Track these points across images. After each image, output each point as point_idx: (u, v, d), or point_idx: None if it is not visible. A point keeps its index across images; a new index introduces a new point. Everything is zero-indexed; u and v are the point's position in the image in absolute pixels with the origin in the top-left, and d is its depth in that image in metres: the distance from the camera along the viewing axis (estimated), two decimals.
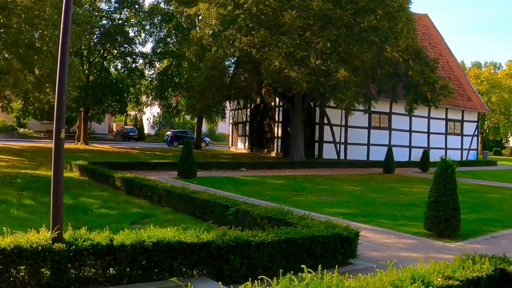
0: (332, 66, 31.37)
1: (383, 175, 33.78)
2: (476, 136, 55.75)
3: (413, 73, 35.24)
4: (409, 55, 35.15)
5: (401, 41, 32.29)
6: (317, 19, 30.70)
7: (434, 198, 13.42)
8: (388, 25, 31.79)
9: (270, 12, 31.50)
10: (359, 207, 18.19)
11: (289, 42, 29.44)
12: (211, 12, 32.25)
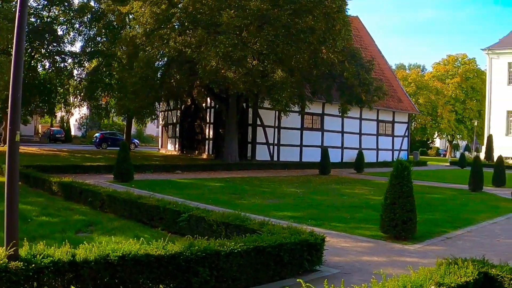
0: (269, 66, 30.86)
1: (320, 177, 33.53)
2: (407, 137, 56.58)
3: (349, 74, 35.09)
4: (345, 56, 35.03)
5: (339, 42, 32.10)
6: (254, 19, 30.21)
7: (390, 200, 13.11)
8: (325, 26, 31.52)
9: (207, 11, 30.79)
10: (306, 210, 17.76)
11: (226, 42, 28.81)
12: (145, 10, 31.29)
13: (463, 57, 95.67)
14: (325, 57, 33.69)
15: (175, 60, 33.84)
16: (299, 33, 30.88)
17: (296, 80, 33.05)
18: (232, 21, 28.89)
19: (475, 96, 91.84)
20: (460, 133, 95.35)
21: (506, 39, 66.53)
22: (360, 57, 36.91)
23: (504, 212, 19.64)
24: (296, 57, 31.61)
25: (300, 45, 30.91)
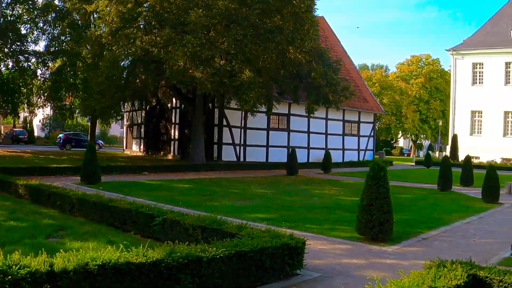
0: (236, 66, 30.55)
1: (288, 177, 33.42)
2: (372, 137, 56.75)
3: (316, 74, 34.95)
4: (312, 56, 34.88)
5: (307, 42, 31.98)
6: (222, 18, 29.87)
7: (367, 201, 12.95)
8: (294, 26, 31.36)
9: (175, 10, 30.37)
10: (278, 212, 17.55)
11: (194, 42, 28.42)
12: (111, 9, 30.74)
13: (427, 58, 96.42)
14: (293, 57, 33.48)
15: (142, 60, 33.30)
16: (267, 32, 30.67)
17: (264, 80, 32.79)
18: (200, 21, 28.54)
19: (438, 96, 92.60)
20: (424, 132, 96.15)
21: (470, 40, 67.13)
22: (327, 57, 36.83)
23: (476, 212, 19.83)
24: (264, 57, 31.34)
25: (269, 45, 30.67)
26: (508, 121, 63.40)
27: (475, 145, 61.57)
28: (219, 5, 29.19)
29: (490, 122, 63.36)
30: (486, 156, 54.30)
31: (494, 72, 63.41)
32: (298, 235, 10.12)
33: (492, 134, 62.87)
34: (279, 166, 39.93)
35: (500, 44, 63.56)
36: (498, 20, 67.07)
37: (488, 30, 66.37)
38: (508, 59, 62.88)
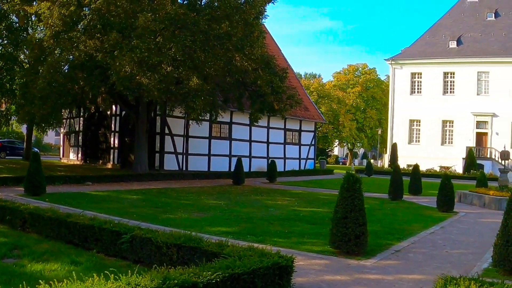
0: (184, 73, 29.64)
1: (235, 187, 32.71)
2: (313, 146, 56.50)
3: (262, 82, 34.29)
4: (259, 64, 34.17)
5: (256, 49, 31.38)
6: (170, 23, 28.93)
7: (342, 214, 12.40)
8: (243, 33, 30.70)
9: (122, 14, 29.27)
10: (239, 224, 16.78)
11: (143, 47, 27.42)
12: (53, 11, 29.34)
13: (364, 67, 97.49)
14: (239, 64, 32.87)
15: (85, 65, 31.94)
16: (216, 39, 29.93)
17: (211, 88, 31.95)
18: (148, 25, 27.54)
19: (375, 105, 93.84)
20: (360, 141, 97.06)
21: (409, 50, 68.03)
22: (274, 65, 36.13)
23: (435, 222, 19.80)
24: (212, 63, 30.56)
25: (217, 52, 29.92)
26: (446, 130, 64.41)
27: (413, 154, 62.55)
28: (167, 10, 28.30)
29: (428, 131, 64.41)
30: (424, 164, 54.68)
31: (433, 82, 64.60)
32: (252, 245, 9.49)
33: (430, 143, 64.00)
34: (222, 175, 39.55)
35: (438, 54, 64.71)
36: (436, 30, 68.20)
37: (426, 41, 67.41)
38: (446, 69, 64.06)
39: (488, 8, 68.25)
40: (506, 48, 62.59)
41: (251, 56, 31.92)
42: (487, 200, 26.55)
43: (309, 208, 22.47)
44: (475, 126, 62.79)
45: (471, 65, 62.77)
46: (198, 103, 30.29)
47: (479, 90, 63.08)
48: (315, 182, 40.66)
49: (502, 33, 64.75)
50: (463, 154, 59.91)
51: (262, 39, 32.51)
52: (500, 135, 61.13)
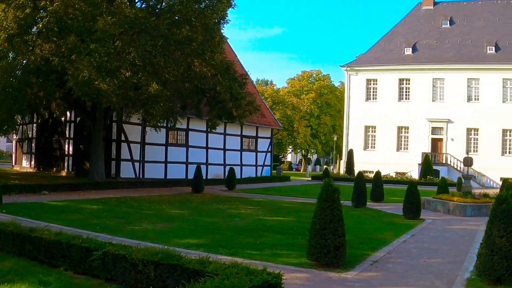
0: (143, 79, 28.82)
1: (195, 195, 32.02)
2: (270, 152, 56.16)
3: (221, 88, 33.69)
4: (219, 70, 33.54)
5: (217, 55, 30.81)
6: (130, 27, 28.08)
7: (320, 225, 12.10)
8: (203, 38, 30.09)
9: (80, 17, 28.31)
10: (207, 235, 16.19)
11: (102, 51, 26.55)
12: (8, 14, 28.18)
13: (318, 73, 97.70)
14: (198, 70, 32.24)
15: (41, 70, 30.84)
16: (177, 43, 29.22)
17: (170, 94, 31.19)
18: (108, 29, 26.69)
19: (329, 112, 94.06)
20: (314, 147, 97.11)
21: (364, 56, 68.24)
22: (233, 71, 35.53)
23: (405, 229, 19.69)
24: (171, 69, 29.84)
25: (178, 57, 29.23)
26: (401, 136, 64.74)
27: (369, 160, 62.83)
28: (126, 13, 27.51)
29: (384, 137, 64.66)
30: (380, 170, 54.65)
31: (388, 88, 64.94)
32: (242, 262, 8.92)
33: (386, 149, 64.27)
34: (180, 183, 39.05)
35: (394, 61, 65.11)
36: (392, 37, 68.63)
37: (382, 47, 67.75)
38: (402, 75, 64.52)
39: (443, 16, 68.92)
40: (461, 55, 63.24)
41: (211, 61, 31.34)
42: (452, 206, 26.61)
43: (275, 217, 22.02)
44: (430, 132, 63.18)
45: (426, 71, 63.27)
46: (158, 109, 29.56)
47: (434, 96, 63.55)
48: (274, 190, 40.31)
49: (457, 40, 65.37)
50: (419, 160, 60.30)
51: (222, 44, 31.95)
52: (455, 141, 61.63)
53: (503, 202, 11.01)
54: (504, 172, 55.49)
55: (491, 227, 10.82)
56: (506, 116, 59.60)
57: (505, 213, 10.78)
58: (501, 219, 10.74)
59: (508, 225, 10.63)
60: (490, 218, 10.94)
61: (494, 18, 66.68)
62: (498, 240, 10.56)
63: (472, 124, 61.36)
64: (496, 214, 10.90)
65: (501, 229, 10.61)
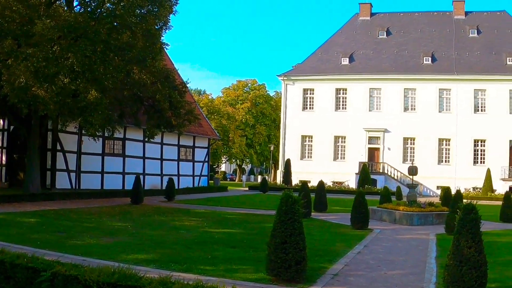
0: (82, 85, 27.65)
1: (134, 207, 30.96)
2: (207, 162, 55.49)
3: (161, 97, 32.81)
4: (158, 77, 32.65)
5: (158, 62, 29.96)
6: (69, 31, 26.90)
7: (281, 238, 11.44)
8: (144, 44, 29.21)
9: (18, 19, 26.97)
10: (155, 250, 15.37)
11: (40, 55, 25.32)
12: None
13: (253, 83, 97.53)
14: (137, 77, 31.31)
15: None
16: (117, 49, 28.24)
17: (109, 102, 30.11)
18: (46, 33, 25.50)
19: (264, 121, 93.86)
20: (249, 157, 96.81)
21: (301, 66, 68.41)
22: (173, 78, 34.74)
23: (356, 240, 19.38)
24: (111, 76, 28.76)
25: (118, 63, 28.22)
26: (338, 145, 65.07)
27: (306, 169, 62.98)
28: (66, 17, 26.39)
29: (321, 147, 64.95)
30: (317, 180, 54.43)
31: (325, 98, 65.26)
32: (198, 279, 8.26)
33: (323, 158, 64.55)
34: (117, 193, 38.08)
35: (331, 71, 65.62)
36: (329, 47, 69.07)
37: (319, 57, 68.09)
38: (339, 85, 65.04)
39: (380, 26, 69.94)
40: (398, 65, 64.24)
41: (151, 68, 30.53)
42: (398, 215, 26.52)
43: (221, 229, 21.42)
44: (367, 142, 63.80)
45: (363, 81, 63.95)
46: (96, 117, 28.48)
47: (371, 106, 64.29)
48: (213, 200, 39.79)
49: (394, 50, 66.33)
50: (356, 169, 60.64)
51: (163, 51, 31.17)
52: (392, 150, 62.37)
53: (470, 212, 10.69)
54: (441, 181, 56.47)
55: (458, 237, 10.54)
56: (442, 125, 60.87)
57: (473, 223, 10.51)
58: (469, 229, 10.53)
59: (476, 235, 10.44)
60: (458, 228, 10.64)
61: (430, 29, 68.12)
62: (467, 250, 10.31)
63: (408, 134, 62.39)
64: (463, 224, 10.63)
65: (469, 240, 10.37)
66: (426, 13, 71.60)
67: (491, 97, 61.34)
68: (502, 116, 60.49)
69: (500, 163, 59.26)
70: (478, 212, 10.61)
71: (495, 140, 60.42)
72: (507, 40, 65.22)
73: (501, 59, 63.43)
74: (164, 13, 30.49)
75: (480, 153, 61.43)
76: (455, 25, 68.58)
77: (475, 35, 66.87)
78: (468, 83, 61.58)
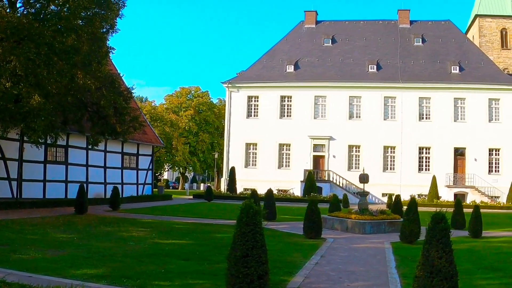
0: (24, 90, 26.53)
1: (79, 217, 29.91)
2: (151, 170, 54.60)
3: (106, 103, 31.85)
4: (103, 82, 31.69)
5: (103, 66, 29.02)
6: (12, 33, 25.78)
7: (242, 252, 10.71)
8: (90, 48, 28.25)
9: None
10: (105, 264, 14.47)
11: None
12: None
13: (196, 90, 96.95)
14: (82, 82, 30.28)
15: None
16: (62, 53, 27.20)
17: (52, 107, 29.01)
18: None
19: (207, 129, 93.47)
20: (193, 165, 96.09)
21: (246, 73, 68.08)
22: (119, 84, 33.79)
23: (310, 250, 18.94)
24: (55, 80, 27.66)
25: (62, 67, 27.17)
26: (283, 153, 64.90)
27: (251, 177, 62.65)
28: (9, 18, 25.31)
29: (265, 154, 64.71)
30: (262, 188, 54.12)
31: (270, 105, 65.03)
32: None
33: (267, 166, 64.32)
34: (60, 203, 37.05)
35: (276, 78, 65.46)
36: (274, 54, 68.97)
37: (264, 64, 67.88)
38: (284, 93, 64.89)
39: (325, 34, 70.22)
40: (343, 73, 64.60)
41: (97, 73, 29.55)
42: (350, 224, 26.15)
43: (171, 240, 20.56)
44: (312, 149, 63.77)
45: (308, 89, 64.00)
46: (39, 124, 27.43)
47: (316, 114, 64.32)
48: (159, 209, 39.03)
49: (339, 58, 66.72)
50: (301, 177, 60.58)
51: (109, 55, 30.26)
52: (337, 158, 62.45)
53: (440, 221, 10.31)
54: (386, 188, 56.81)
55: (428, 248, 10.12)
56: (387, 133, 61.38)
57: (443, 233, 10.13)
58: (439, 239, 10.15)
59: (446, 245, 10.05)
60: (427, 238, 10.24)
61: (375, 37, 68.79)
62: (437, 261, 9.91)
63: (354, 141, 62.79)
64: (433, 234, 10.24)
65: (439, 250, 9.98)
66: (371, 21, 72.49)
67: (435, 105, 62.37)
68: (447, 124, 61.71)
69: (445, 170, 60.39)
70: (448, 221, 10.27)
71: (440, 148, 61.45)
72: (452, 49, 66.64)
73: (446, 67, 64.69)
74: (111, 16, 29.63)
75: (425, 161, 62.21)
76: (400, 33, 69.70)
77: (420, 44, 68.09)
78: (413, 91, 62.49)
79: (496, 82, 61.90)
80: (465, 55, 66.02)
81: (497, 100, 61.98)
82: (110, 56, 44.76)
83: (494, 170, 61.37)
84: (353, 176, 59.77)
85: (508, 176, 59.08)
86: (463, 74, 63.65)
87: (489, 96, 61.79)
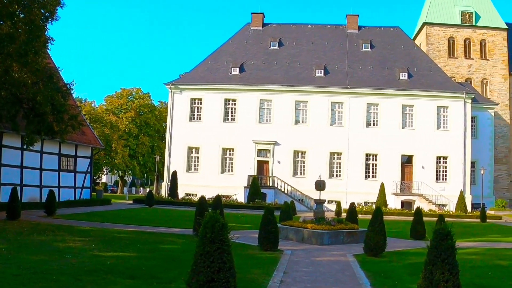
0: None
1: (10, 223, 27.45)
2: (90, 173, 51.91)
3: (42, 99, 29.35)
4: (41, 77, 29.18)
5: (41, 58, 26.61)
6: None
7: (206, 275, 9.14)
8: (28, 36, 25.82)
9: None
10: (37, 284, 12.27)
11: None
12: None
13: (138, 91, 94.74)
14: (17, 76, 27.77)
15: None
16: None
17: None
18: None
19: (148, 131, 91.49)
20: (132, 168, 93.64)
21: (190, 75, 66.33)
22: (57, 79, 31.33)
23: (269, 264, 17.21)
24: None
25: None
26: (226, 157, 63.48)
27: (192, 182, 61.33)
28: None
29: (208, 159, 63.26)
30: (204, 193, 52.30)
31: (213, 108, 63.78)
32: None
33: (210, 171, 62.92)
34: None
35: (220, 80, 64.23)
36: (218, 56, 67.60)
37: (208, 66, 66.42)
38: (228, 96, 63.64)
39: (271, 37, 69.10)
40: (290, 77, 63.54)
41: (34, 65, 27.04)
42: (306, 234, 24.54)
43: (113, 253, 18.30)
44: (256, 154, 62.32)
45: (253, 92, 62.60)
46: None
47: (261, 118, 62.99)
48: (98, 215, 36.78)
49: (286, 62, 65.66)
50: (245, 182, 59.19)
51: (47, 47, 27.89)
52: (282, 164, 61.20)
53: (445, 238, 8.76)
54: (332, 195, 55.33)
55: (432, 269, 8.79)
56: (334, 139, 60.72)
57: (449, 251, 8.58)
58: (445, 259, 8.68)
59: (454, 266, 8.74)
60: (431, 258, 8.91)
61: (323, 42, 68.21)
62: (443, 285, 8.58)
63: (299, 147, 61.86)
64: (438, 253, 8.69)
65: (445, 272, 8.66)
66: (319, 25, 71.80)
67: (383, 112, 61.84)
68: (394, 130, 61.25)
69: (392, 177, 59.89)
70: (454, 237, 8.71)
71: (387, 155, 60.93)
72: (400, 55, 66.39)
73: (394, 74, 64.37)
74: (52, 2, 27.20)
75: (372, 168, 61.52)
76: (348, 39, 69.13)
77: (368, 50, 67.63)
78: (360, 97, 61.83)
79: (444, 90, 61.58)
80: (413, 62, 65.76)
81: (445, 107, 61.73)
82: (49, 48, 42.18)
83: (441, 178, 61.17)
84: (298, 182, 58.81)
85: (455, 184, 59.16)
86: (411, 81, 63.30)
87: (437, 103, 61.56)
